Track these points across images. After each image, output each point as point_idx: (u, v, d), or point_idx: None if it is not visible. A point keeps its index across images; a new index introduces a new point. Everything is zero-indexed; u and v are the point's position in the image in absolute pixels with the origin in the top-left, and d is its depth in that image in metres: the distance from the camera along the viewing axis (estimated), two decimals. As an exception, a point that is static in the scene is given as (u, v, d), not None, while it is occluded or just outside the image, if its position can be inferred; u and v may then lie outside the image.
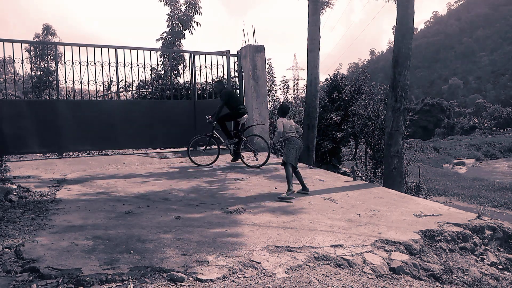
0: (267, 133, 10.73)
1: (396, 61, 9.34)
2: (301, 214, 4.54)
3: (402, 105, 9.28)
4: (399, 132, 9.30)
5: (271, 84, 16.56)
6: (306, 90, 13.05)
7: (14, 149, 8.57)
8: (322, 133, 15.86)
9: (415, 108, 63.84)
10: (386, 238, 3.71)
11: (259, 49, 10.60)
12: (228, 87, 9.76)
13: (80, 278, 2.51)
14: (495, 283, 3.49)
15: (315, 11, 12.25)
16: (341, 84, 17.58)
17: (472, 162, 38.31)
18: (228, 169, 7.66)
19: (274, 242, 3.45)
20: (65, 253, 2.96)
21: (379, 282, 2.97)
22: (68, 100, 10.01)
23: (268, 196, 5.49)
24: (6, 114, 8.44)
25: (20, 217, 3.98)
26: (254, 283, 2.65)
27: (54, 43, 10.30)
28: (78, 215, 4.18)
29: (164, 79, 14.21)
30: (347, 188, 6.21)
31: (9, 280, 2.49)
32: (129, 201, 4.97)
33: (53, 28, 30.79)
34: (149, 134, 9.95)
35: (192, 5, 17.90)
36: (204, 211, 4.54)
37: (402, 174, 9.56)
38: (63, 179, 6.36)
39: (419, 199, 5.94)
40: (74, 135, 9.02)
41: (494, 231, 4.36)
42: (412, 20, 9.39)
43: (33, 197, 4.96)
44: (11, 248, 3.04)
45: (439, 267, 3.47)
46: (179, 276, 2.63)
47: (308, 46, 12.39)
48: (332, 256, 3.21)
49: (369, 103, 14.17)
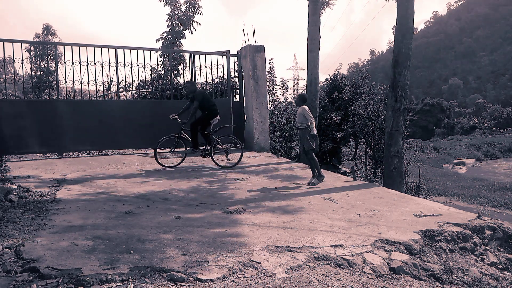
0: (267, 133, 10.74)
1: (396, 61, 9.35)
2: (301, 214, 4.54)
3: (402, 105, 9.29)
4: (399, 132, 9.31)
5: (272, 84, 16.57)
6: (306, 90, 13.07)
7: (14, 149, 8.58)
8: (322, 133, 15.85)
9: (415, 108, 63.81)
10: (386, 238, 3.71)
11: (259, 49, 10.60)
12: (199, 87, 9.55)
13: (80, 278, 2.51)
14: (495, 283, 3.49)
15: (315, 11, 12.26)
16: (341, 84, 17.57)
17: (472, 162, 38.29)
18: (228, 169, 7.66)
19: (274, 242, 3.45)
20: (65, 253, 2.96)
21: (379, 282, 2.97)
22: (68, 100, 10.01)
23: (268, 196, 5.49)
24: (6, 114, 8.44)
25: (20, 217, 3.98)
26: (254, 283, 2.65)
27: (54, 43, 10.30)
28: (78, 215, 4.18)
29: (164, 79, 14.21)
30: (347, 188, 6.20)
31: (9, 280, 2.49)
32: (129, 201, 4.98)
33: (53, 28, 30.75)
34: (149, 134, 9.94)
35: (192, 5, 17.89)
36: (204, 211, 4.54)
37: (402, 174, 9.57)
38: (63, 179, 6.37)
39: (419, 199, 5.93)
40: (74, 135, 9.03)
41: (494, 231, 4.36)
42: (412, 20, 9.39)
43: (33, 197, 4.96)
44: (11, 248, 3.04)
45: (439, 267, 3.47)
46: (179, 276, 2.63)
47: (308, 46, 12.41)
48: (332, 256, 3.21)
49: (369, 103, 14.16)
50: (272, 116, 15.10)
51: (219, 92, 11.44)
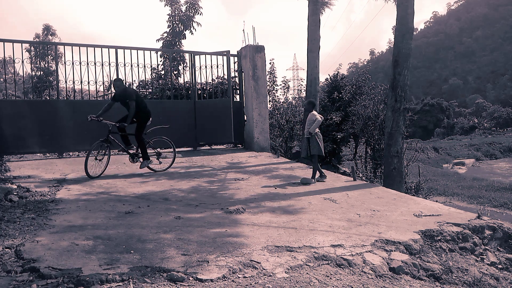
0: (267, 132, 10.74)
1: (396, 61, 9.35)
2: (301, 214, 4.54)
3: (402, 105, 9.29)
4: (399, 132, 9.31)
5: (272, 84, 16.58)
6: (306, 90, 13.05)
7: (14, 149, 8.58)
8: (322, 134, 15.85)
9: (415, 108, 63.82)
10: (386, 238, 3.71)
11: (259, 49, 10.60)
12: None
13: (80, 278, 2.51)
14: (495, 283, 3.49)
15: (315, 11, 12.25)
16: (341, 84, 17.57)
17: (472, 162, 38.25)
18: (228, 169, 7.66)
19: (274, 242, 3.46)
20: (65, 253, 2.96)
21: (379, 282, 2.97)
22: (68, 100, 10.01)
23: (268, 196, 5.49)
24: (6, 114, 8.45)
25: (20, 217, 3.98)
26: (254, 283, 2.65)
27: (54, 43, 10.31)
28: (78, 215, 4.18)
29: (164, 79, 14.21)
30: (347, 188, 6.21)
31: (9, 280, 2.50)
32: (129, 201, 4.98)
33: (53, 28, 30.77)
34: (149, 134, 9.94)
35: (193, 6, 17.91)
36: (204, 211, 4.55)
37: (402, 174, 9.57)
38: (63, 179, 6.37)
39: (419, 199, 5.94)
40: (74, 135, 9.03)
41: (494, 231, 4.36)
42: (412, 20, 9.40)
43: (33, 197, 4.96)
44: (11, 248, 3.05)
45: (439, 267, 3.47)
46: (179, 276, 2.63)
47: (308, 46, 12.38)
48: (332, 256, 3.22)
49: (369, 103, 14.17)
50: (272, 116, 15.10)
51: (219, 92, 11.44)
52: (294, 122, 15.37)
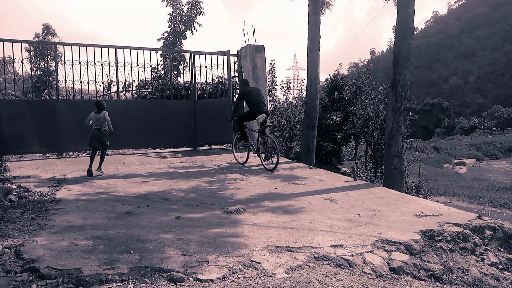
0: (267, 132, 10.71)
1: (396, 61, 9.33)
2: (301, 214, 4.53)
3: (402, 105, 9.27)
4: (399, 132, 9.29)
5: (272, 84, 16.58)
6: (306, 90, 13.04)
7: (14, 149, 8.57)
8: (322, 134, 15.82)
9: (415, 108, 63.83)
10: (386, 238, 3.70)
11: (259, 49, 10.60)
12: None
13: (80, 278, 2.50)
14: (495, 283, 3.48)
15: (315, 11, 12.24)
16: (341, 84, 17.54)
17: (472, 162, 38.23)
18: (228, 169, 7.66)
19: (274, 242, 3.45)
20: (65, 253, 2.95)
21: (379, 282, 2.96)
22: (68, 100, 10.01)
23: (268, 196, 5.48)
24: (6, 114, 8.44)
25: (20, 217, 3.98)
26: (254, 283, 2.64)
27: (54, 43, 10.31)
28: (78, 215, 4.18)
29: (164, 79, 14.21)
30: (347, 188, 6.20)
31: (9, 280, 2.49)
32: (129, 201, 4.97)
33: (53, 28, 30.77)
34: (149, 134, 9.95)
35: (195, 6, 17.90)
36: (204, 211, 4.54)
37: (402, 174, 9.55)
38: (63, 179, 6.36)
39: (419, 199, 5.93)
40: (74, 135, 9.02)
41: (494, 231, 4.35)
42: (412, 20, 9.37)
43: (33, 197, 4.96)
44: (11, 248, 3.04)
45: (439, 267, 3.46)
46: (179, 276, 2.62)
47: (308, 46, 12.37)
48: (332, 256, 3.21)
49: (369, 103, 14.15)
50: (272, 116, 15.09)
51: (219, 92, 11.43)
52: (294, 122, 15.36)
